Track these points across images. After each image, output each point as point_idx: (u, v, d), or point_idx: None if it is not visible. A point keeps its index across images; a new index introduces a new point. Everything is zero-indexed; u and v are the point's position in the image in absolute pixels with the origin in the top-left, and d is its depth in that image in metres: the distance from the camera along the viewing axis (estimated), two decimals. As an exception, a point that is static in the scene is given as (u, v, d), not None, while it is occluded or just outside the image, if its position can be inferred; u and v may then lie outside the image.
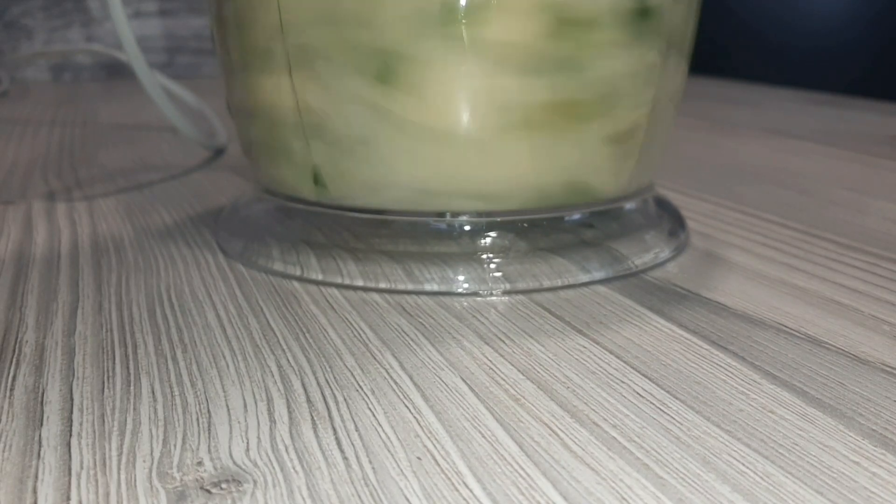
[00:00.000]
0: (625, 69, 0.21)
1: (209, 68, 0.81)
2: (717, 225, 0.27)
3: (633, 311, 0.19)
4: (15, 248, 0.24)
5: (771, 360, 0.17)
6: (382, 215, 0.21)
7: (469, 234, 0.21)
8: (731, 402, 0.15)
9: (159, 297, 0.20)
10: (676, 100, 0.23)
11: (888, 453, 0.13)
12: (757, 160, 0.38)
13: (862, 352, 0.17)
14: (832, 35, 0.66)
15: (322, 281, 0.21)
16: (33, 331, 0.18)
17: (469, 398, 0.15)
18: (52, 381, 0.16)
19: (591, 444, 0.13)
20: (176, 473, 0.13)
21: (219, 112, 0.43)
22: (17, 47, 0.75)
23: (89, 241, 0.25)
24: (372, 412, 0.15)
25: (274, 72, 0.21)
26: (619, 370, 0.16)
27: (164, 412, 0.14)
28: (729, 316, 0.19)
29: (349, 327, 0.18)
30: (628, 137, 0.22)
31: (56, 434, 0.14)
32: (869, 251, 0.24)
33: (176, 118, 0.33)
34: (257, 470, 0.13)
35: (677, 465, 0.13)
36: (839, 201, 0.30)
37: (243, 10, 0.21)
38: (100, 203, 0.30)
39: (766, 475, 0.13)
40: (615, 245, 0.22)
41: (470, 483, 0.12)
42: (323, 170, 0.21)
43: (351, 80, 0.20)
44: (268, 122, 0.22)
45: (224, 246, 0.24)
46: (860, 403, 0.15)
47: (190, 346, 0.17)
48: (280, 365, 0.16)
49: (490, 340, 0.18)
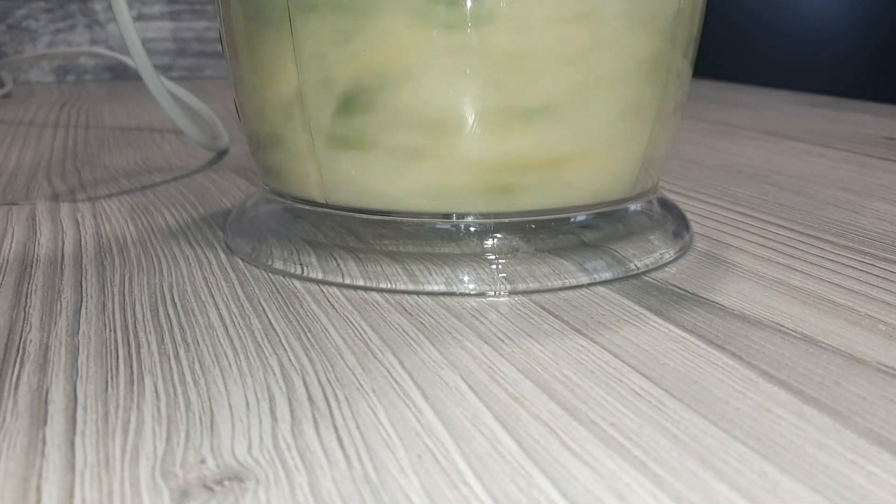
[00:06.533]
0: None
1: (212, 70, 0.81)
2: (714, 225, 0.27)
3: (631, 311, 0.19)
4: (19, 249, 0.24)
5: (767, 360, 0.17)
6: (388, 216, 0.21)
7: (475, 236, 0.21)
8: (728, 401, 0.15)
9: (162, 296, 0.20)
10: (682, 101, 0.23)
11: (884, 451, 0.13)
12: (754, 161, 0.38)
13: (858, 351, 0.17)
14: (828, 38, 0.66)
15: (323, 280, 0.21)
16: (37, 330, 0.18)
17: (469, 397, 0.15)
18: (55, 381, 0.16)
19: (590, 443, 0.14)
20: (179, 471, 0.13)
21: (221, 114, 0.43)
22: (21, 49, 0.75)
23: (93, 241, 0.25)
24: (373, 411, 0.15)
25: (282, 75, 0.21)
26: (617, 369, 0.16)
27: (168, 411, 0.15)
28: (726, 316, 0.19)
29: (350, 327, 0.19)
30: (637, 139, 0.22)
31: (60, 433, 0.14)
32: (865, 251, 0.24)
33: (180, 120, 0.33)
34: (259, 468, 0.13)
35: (675, 464, 0.13)
36: (835, 202, 0.30)
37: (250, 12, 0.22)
38: (103, 204, 0.30)
39: (762, 473, 0.13)
40: (620, 246, 0.22)
41: (470, 481, 0.13)
42: (329, 171, 0.21)
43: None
44: (276, 124, 0.22)
45: (231, 246, 0.24)
46: (856, 402, 0.15)
47: (193, 346, 0.17)
48: (282, 364, 0.17)
49: (490, 340, 0.18)
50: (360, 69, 0.20)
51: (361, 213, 0.22)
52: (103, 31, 0.77)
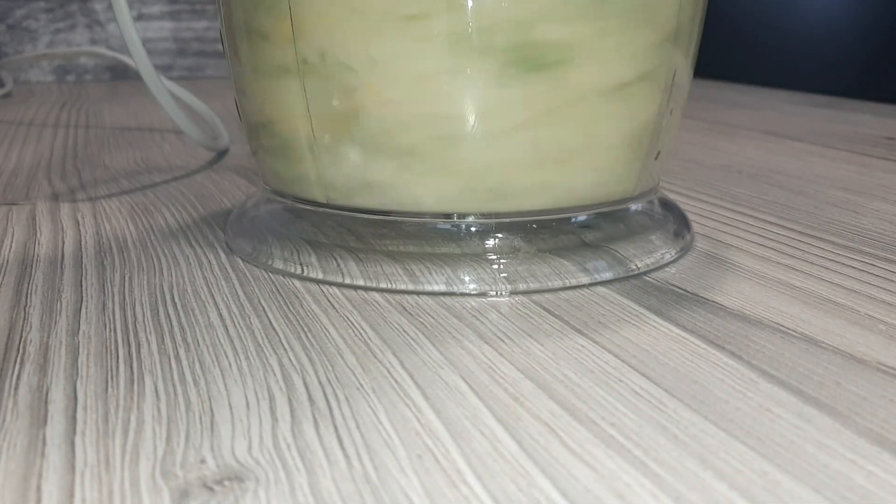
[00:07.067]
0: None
1: (212, 70, 0.81)
2: (714, 225, 0.27)
3: (631, 311, 0.19)
4: (19, 249, 0.24)
5: (768, 360, 0.17)
6: (389, 216, 0.21)
7: (475, 236, 0.21)
8: (728, 401, 0.15)
9: (162, 296, 0.20)
10: (683, 101, 0.23)
11: (884, 451, 0.13)
12: (754, 161, 0.38)
13: (858, 351, 0.17)
14: (828, 38, 0.66)
15: (324, 280, 0.21)
16: (37, 330, 0.18)
17: (469, 397, 0.15)
18: (56, 380, 0.16)
19: (590, 443, 0.14)
20: (179, 471, 0.13)
21: (221, 114, 0.43)
22: (21, 49, 0.75)
23: (93, 241, 0.25)
24: (373, 411, 0.15)
25: (284, 74, 0.21)
26: (617, 369, 0.16)
27: (168, 411, 0.15)
28: (726, 315, 0.19)
29: (350, 327, 0.19)
30: (639, 139, 0.22)
31: (60, 432, 0.14)
32: (865, 251, 0.24)
33: (180, 120, 0.33)
34: (259, 468, 0.13)
35: (675, 463, 0.13)
36: (835, 202, 0.30)
37: (251, 12, 0.22)
38: (103, 204, 0.30)
39: (762, 473, 0.13)
40: (621, 246, 0.22)
41: (470, 481, 0.13)
42: (330, 170, 0.21)
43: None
44: (277, 124, 0.22)
45: (232, 246, 0.24)
46: (856, 402, 0.15)
47: (193, 346, 0.17)
48: (282, 364, 0.17)
49: (490, 340, 0.18)
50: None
51: (362, 213, 0.22)
52: (103, 31, 0.77)
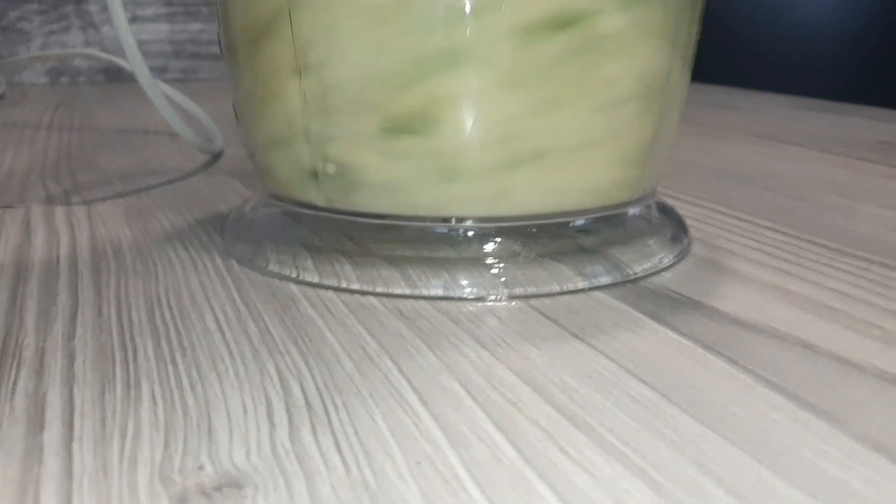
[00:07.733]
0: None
1: (206, 72, 0.81)
2: (709, 230, 0.27)
3: (629, 316, 0.19)
4: (14, 253, 0.24)
5: (764, 364, 0.17)
6: (387, 220, 0.21)
7: (473, 240, 0.21)
8: (725, 406, 0.15)
9: (158, 300, 0.20)
10: (680, 106, 0.23)
11: (881, 456, 0.13)
12: (749, 165, 0.38)
13: (853, 356, 0.17)
14: (823, 42, 0.66)
15: (320, 284, 0.21)
16: (33, 335, 0.18)
17: (467, 402, 0.15)
18: (52, 386, 0.16)
19: (588, 448, 0.14)
20: (177, 478, 0.13)
21: (216, 116, 0.43)
22: (15, 51, 0.75)
23: (88, 245, 0.25)
24: (371, 416, 0.15)
25: (281, 76, 0.21)
26: (614, 374, 0.16)
27: (165, 416, 0.15)
28: (722, 320, 0.19)
29: (348, 332, 0.19)
30: (637, 143, 0.22)
31: (57, 438, 0.14)
32: (860, 256, 0.24)
33: (175, 122, 0.33)
34: (258, 474, 0.13)
35: (672, 469, 0.13)
36: (830, 206, 0.30)
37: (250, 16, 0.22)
38: (98, 207, 0.30)
39: (760, 479, 0.13)
40: (619, 251, 0.22)
41: (468, 487, 0.13)
42: (329, 174, 0.21)
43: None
44: (275, 128, 0.22)
45: (229, 250, 0.24)
46: (852, 407, 0.15)
47: (189, 350, 0.17)
48: (279, 369, 0.17)
49: (488, 345, 0.18)
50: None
51: (360, 218, 0.22)
52: (97, 33, 0.77)
